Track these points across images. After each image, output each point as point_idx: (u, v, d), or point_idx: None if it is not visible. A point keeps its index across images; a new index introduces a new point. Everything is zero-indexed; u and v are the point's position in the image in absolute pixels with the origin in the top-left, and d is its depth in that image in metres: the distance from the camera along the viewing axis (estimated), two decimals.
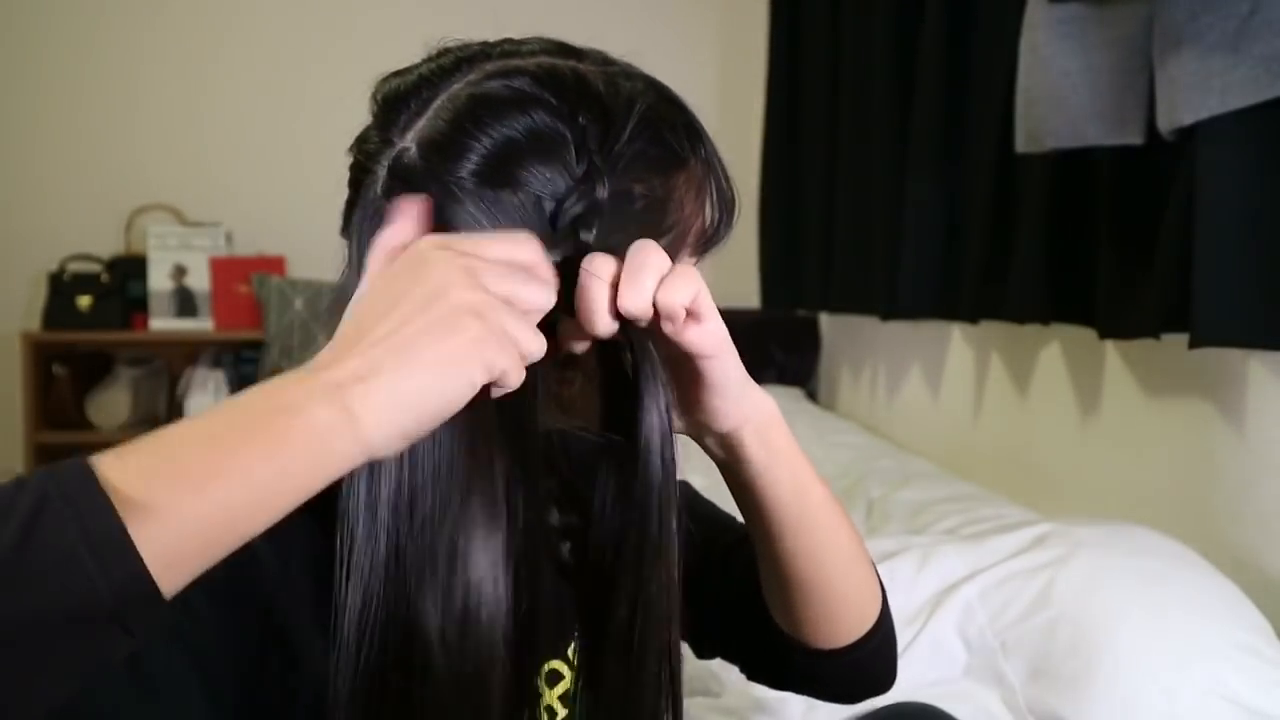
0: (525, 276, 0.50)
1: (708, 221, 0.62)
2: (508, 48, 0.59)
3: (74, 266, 3.05)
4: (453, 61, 0.57)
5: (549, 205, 0.54)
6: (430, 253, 0.49)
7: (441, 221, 0.53)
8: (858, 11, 2.32)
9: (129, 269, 3.06)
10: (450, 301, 0.46)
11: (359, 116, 0.60)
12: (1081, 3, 1.29)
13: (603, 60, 0.60)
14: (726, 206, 0.62)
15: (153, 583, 0.39)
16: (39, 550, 0.37)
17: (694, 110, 0.61)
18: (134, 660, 0.41)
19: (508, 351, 0.47)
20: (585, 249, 0.53)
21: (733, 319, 0.60)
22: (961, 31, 1.88)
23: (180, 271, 3.07)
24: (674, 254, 0.59)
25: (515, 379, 0.48)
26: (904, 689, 1.07)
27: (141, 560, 0.39)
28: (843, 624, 0.70)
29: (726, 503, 0.73)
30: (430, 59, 0.58)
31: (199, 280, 3.08)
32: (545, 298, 0.50)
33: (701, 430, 0.62)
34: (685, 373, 0.58)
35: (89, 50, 3.18)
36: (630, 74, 0.59)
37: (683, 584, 0.56)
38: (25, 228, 3.17)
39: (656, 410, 0.53)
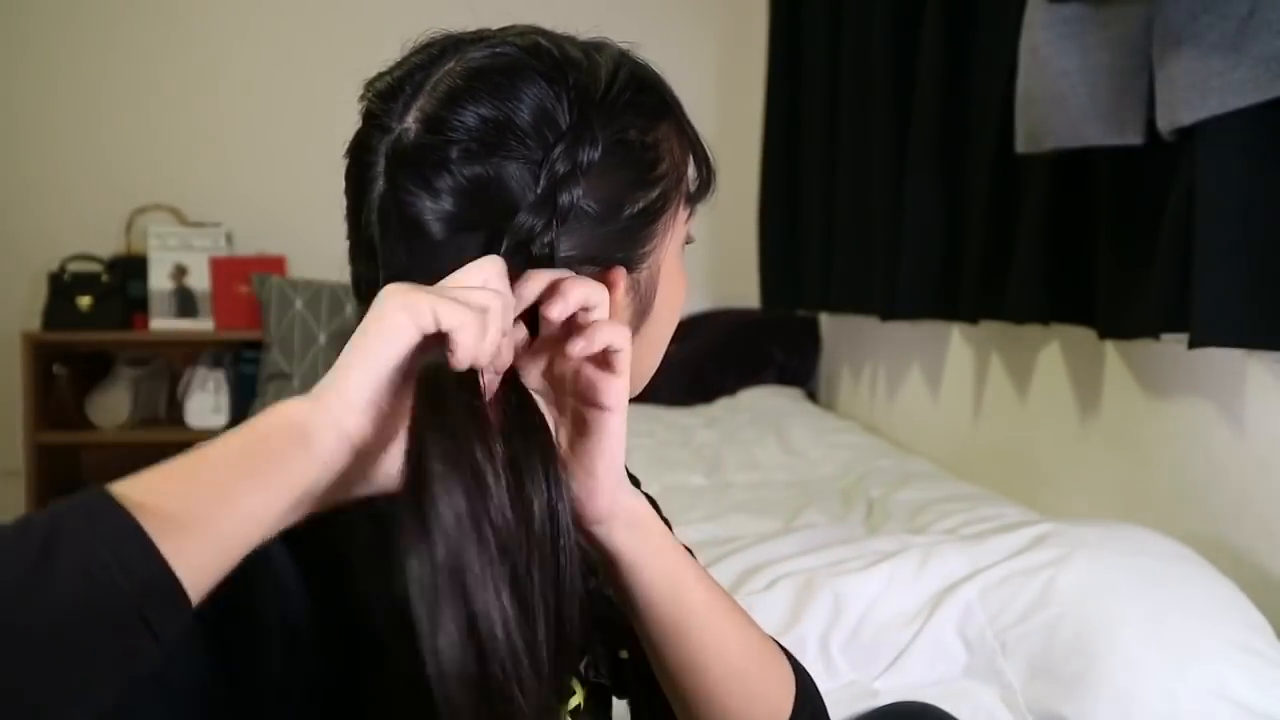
0: (464, 295, 0.52)
1: (696, 175, 0.65)
2: (488, 33, 0.61)
3: (74, 266, 3.05)
4: (439, 49, 0.59)
5: (538, 159, 0.55)
6: (385, 290, 0.51)
7: (437, 196, 0.55)
8: (858, 11, 2.32)
9: (129, 269, 3.06)
10: (389, 300, 0.49)
11: (358, 118, 0.60)
12: (1081, 3, 1.29)
13: (574, 39, 0.62)
14: (708, 165, 0.65)
15: (176, 580, 0.40)
16: (62, 560, 0.38)
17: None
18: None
19: (447, 308, 0.48)
20: (563, 214, 0.55)
21: (733, 319, 0.60)
22: (961, 31, 1.88)
23: (180, 271, 3.07)
24: (671, 202, 0.62)
25: (465, 336, 0.48)
26: (904, 689, 1.07)
27: (162, 557, 0.40)
28: None
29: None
30: (417, 50, 0.60)
31: (199, 280, 3.08)
32: (486, 301, 0.51)
33: (575, 518, 0.58)
34: (578, 428, 0.58)
35: (89, 51, 3.18)
36: (603, 44, 0.62)
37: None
38: (25, 228, 3.17)
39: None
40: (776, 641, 0.71)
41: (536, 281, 0.55)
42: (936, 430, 2.21)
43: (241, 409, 3.10)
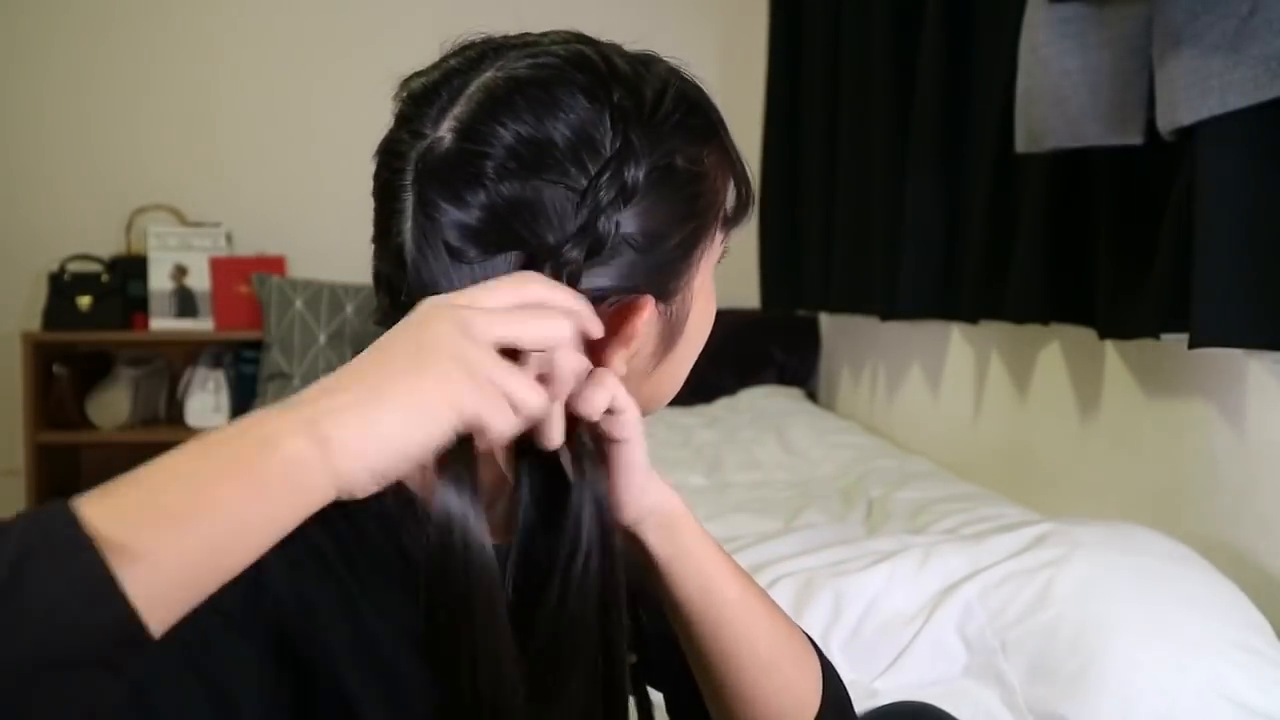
0: (528, 315, 0.49)
1: (735, 197, 0.63)
2: (529, 38, 0.59)
3: (74, 266, 3.05)
4: (478, 53, 0.57)
5: (580, 186, 0.53)
6: (428, 310, 0.49)
7: (466, 214, 0.53)
8: (858, 11, 2.32)
9: (129, 269, 3.06)
10: (438, 352, 0.46)
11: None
12: (1081, 3, 1.29)
13: (622, 50, 0.60)
14: (747, 187, 0.63)
15: (141, 624, 0.38)
16: (25, 599, 0.37)
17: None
18: (137, 691, 0.41)
19: (489, 398, 0.47)
20: (600, 245, 0.54)
21: (733, 319, 0.60)
22: (961, 31, 1.88)
23: (180, 271, 3.07)
24: (710, 229, 0.60)
25: (499, 427, 0.47)
26: (904, 689, 1.07)
27: (129, 602, 0.38)
28: None
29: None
30: (454, 53, 0.58)
31: (199, 280, 3.08)
32: (558, 330, 0.50)
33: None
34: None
35: (90, 50, 3.18)
36: (652, 58, 0.60)
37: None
38: (25, 228, 3.17)
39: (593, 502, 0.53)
40: (805, 633, 0.72)
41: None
42: (936, 430, 2.21)
43: (241, 409, 3.10)
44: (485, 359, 0.47)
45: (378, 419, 0.45)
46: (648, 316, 0.57)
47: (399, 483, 0.54)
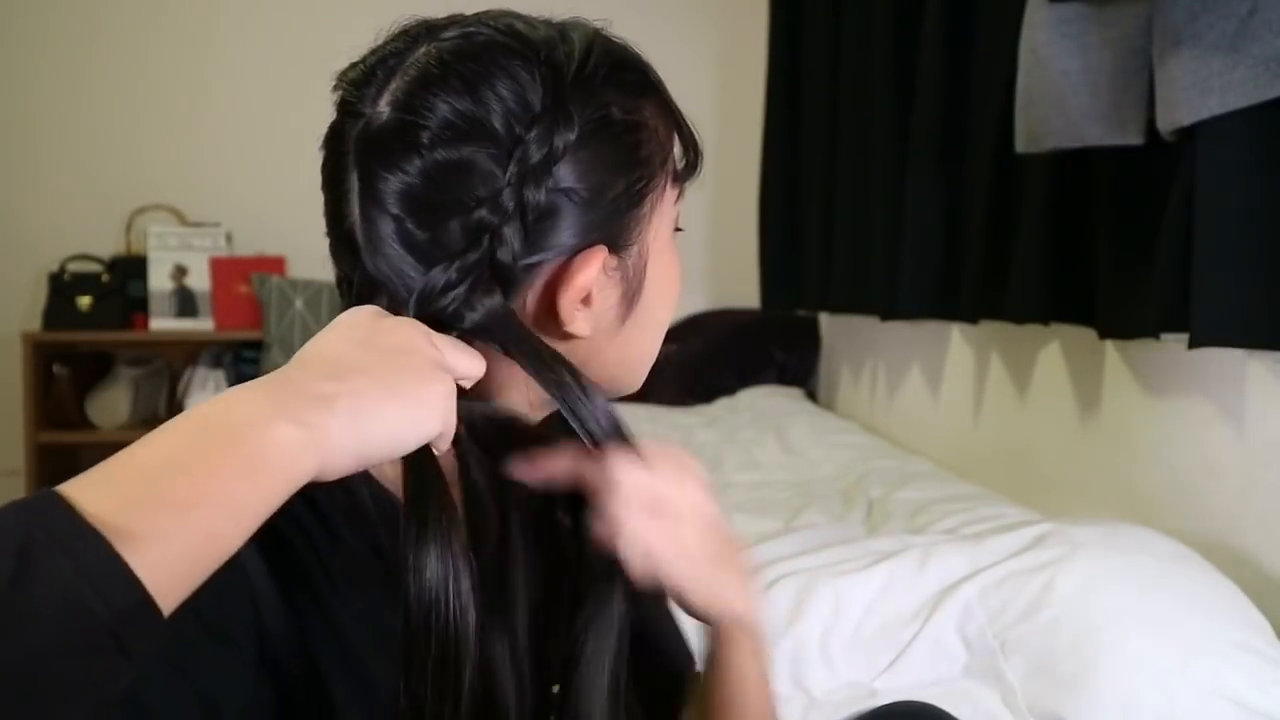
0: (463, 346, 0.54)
1: (682, 154, 0.63)
2: (460, 17, 0.60)
3: (74, 266, 3.05)
4: (412, 35, 0.58)
5: (511, 148, 0.54)
6: (384, 315, 0.52)
7: (407, 183, 0.54)
8: (858, 11, 2.32)
9: (129, 269, 3.06)
10: (424, 356, 0.50)
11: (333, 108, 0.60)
12: (1081, 3, 1.29)
13: (548, 19, 0.61)
14: (693, 144, 0.64)
15: (155, 605, 0.39)
16: (34, 589, 0.37)
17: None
18: (128, 693, 0.41)
19: (454, 416, 0.51)
20: (535, 202, 0.55)
21: (733, 319, 0.60)
22: (961, 31, 1.87)
23: (180, 271, 3.07)
24: (657, 181, 0.61)
25: (447, 443, 0.52)
26: (904, 689, 1.07)
27: (142, 585, 0.38)
28: None
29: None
30: (392, 38, 0.59)
31: (199, 280, 3.08)
32: (478, 368, 0.55)
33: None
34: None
35: (89, 50, 3.18)
36: (577, 22, 0.61)
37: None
38: (25, 228, 3.17)
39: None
40: None
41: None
42: (936, 430, 2.21)
43: None
44: (450, 379, 0.51)
45: (385, 411, 0.47)
46: (600, 265, 0.58)
47: (366, 473, 0.56)
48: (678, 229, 0.65)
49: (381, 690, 0.54)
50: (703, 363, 2.96)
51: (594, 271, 0.57)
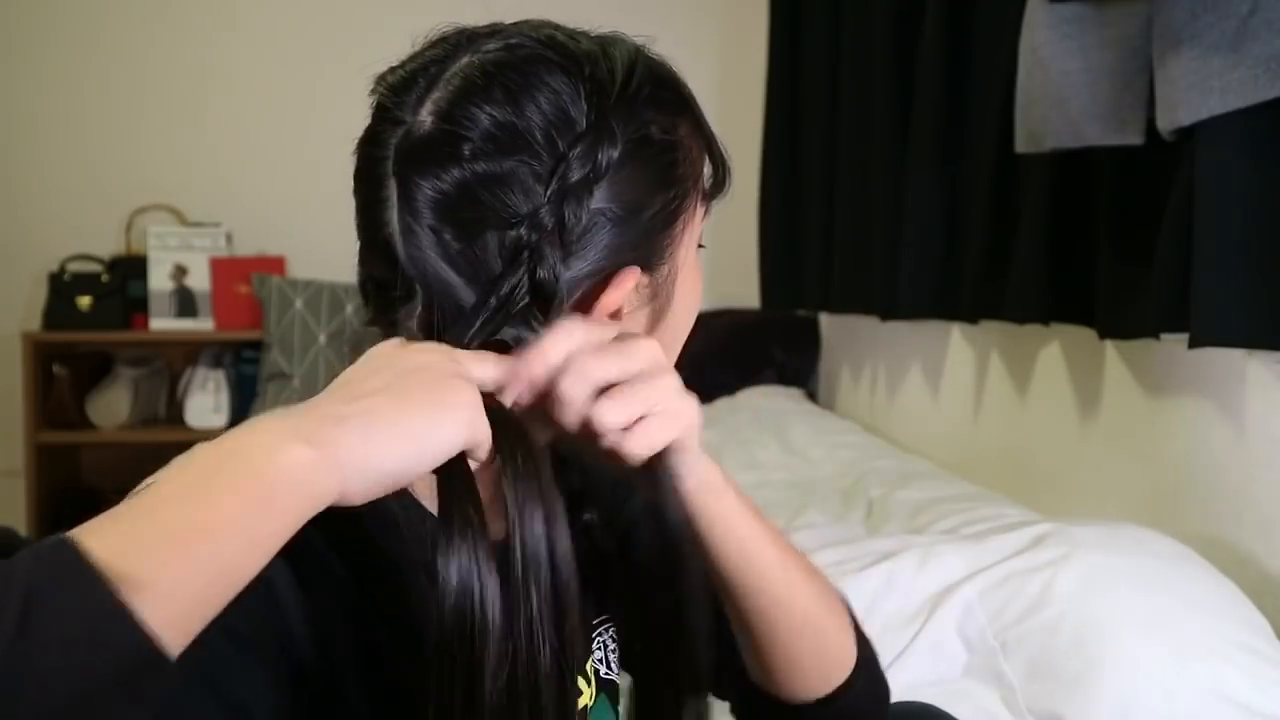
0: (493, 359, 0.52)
1: (709, 173, 0.63)
2: (501, 26, 0.59)
3: (74, 266, 3.05)
4: (453, 43, 0.58)
5: (551, 165, 0.54)
6: (404, 344, 0.51)
7: (445, 193, 0.54)
8: (858, 11, 2.32)
9: (129, 269, 3.06)
10: (440, 369, 0.49)
11: (360, 116, 0.59)
12: (1081, 3, 1.29)
13: (588, 32, 0.61)
14: (722, 161, 0.64)
15: (160, 651, 0.38)
16: (39, 637, 0.36)
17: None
18: (156, 716, 0.40)
19: (485, 423, 0.49)
20: (575, 219, 0.54)
21: (733, 319, 0.60)
22: (961, 31, 1.87)
23: (180, 271, 3.07)
24: (689, 200, 0.61)
25: (485, 453, 0.49)
26: (904, 689, 1.07)
27: (145, 629, 0.37)
28: (809, 681, 0.69)
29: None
30: (431, 44, 0.59)
31: (199, 280, 3.08)
32: (503, 372, 0.52)
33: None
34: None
35: (89, 50, 3.18)
36: (618, 38, 0.61)
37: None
38: (25, 228, 3.17)
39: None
40: (842, 597, 0.74)
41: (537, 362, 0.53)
42: (936, 430, 2.21)
43: (241, 409, 3.10)
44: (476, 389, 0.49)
45: (397, 422, 0.46)
46: (633, 286, 0.57)
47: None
48: (700, 245, 0.65)
49: (410, 698, 0.54)
50: (703, 363, 2.96)
51: (625, 292, 0.57)
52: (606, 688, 0.70)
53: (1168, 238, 1.23)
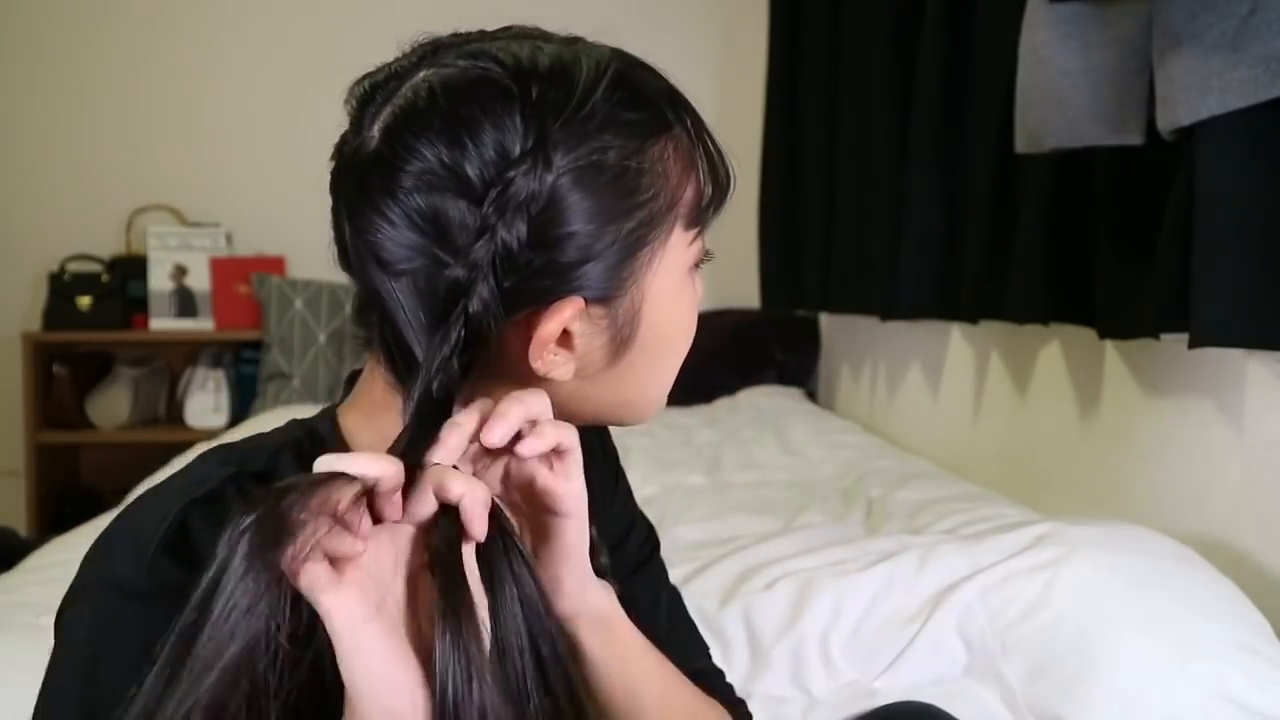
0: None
1: (700, 193, 0.60)
2: (473, 35, 0.59)
3: (74, 266, 3.05)
4: (419, 55, 0.57)
5: (482, 198, 0.52)
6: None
7: (389, 221, 0.54)
8: (858, 11, 2.32)
9: (129, 269, 3.06)
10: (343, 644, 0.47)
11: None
12: (1081, 3, 1.29)
13: (572, 40, 0.59)
14: (719, 179, 0.61)
15: None
16: None
17: (676, 83, 0.61)
18: None
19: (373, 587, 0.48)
20: (504, 254, 0.53)
21: (733, 319, 0.60)
22: (961, 31, 1.88)
23: (180, 271, 3.07)
24: (661, 228, 0.58)
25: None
26: (904, 689, 1.07)
27: None
28: None
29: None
30: (403, 55, 0.58)
31: (199, 280, 3.08)
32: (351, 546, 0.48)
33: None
34: (538, 533, 0.57)
35: (89, 50, 3.18)
36: (596, 46, 0.58)
37: None
38: (25, 228, 3.17)
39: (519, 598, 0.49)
40: (736, 708, 0.72)
41: (468, 420, 0.52)
42: (936, 430, 2.21)
43: (241, 409, 3.10)
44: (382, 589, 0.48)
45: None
46: (569, 316, 0.55)
47: None
48: (701, 261, 0.63)
49: None
50: (703, 363, 2.96)
51: (560, 325, 0.55)
52: None
53: (1168, 238, 1.23)
